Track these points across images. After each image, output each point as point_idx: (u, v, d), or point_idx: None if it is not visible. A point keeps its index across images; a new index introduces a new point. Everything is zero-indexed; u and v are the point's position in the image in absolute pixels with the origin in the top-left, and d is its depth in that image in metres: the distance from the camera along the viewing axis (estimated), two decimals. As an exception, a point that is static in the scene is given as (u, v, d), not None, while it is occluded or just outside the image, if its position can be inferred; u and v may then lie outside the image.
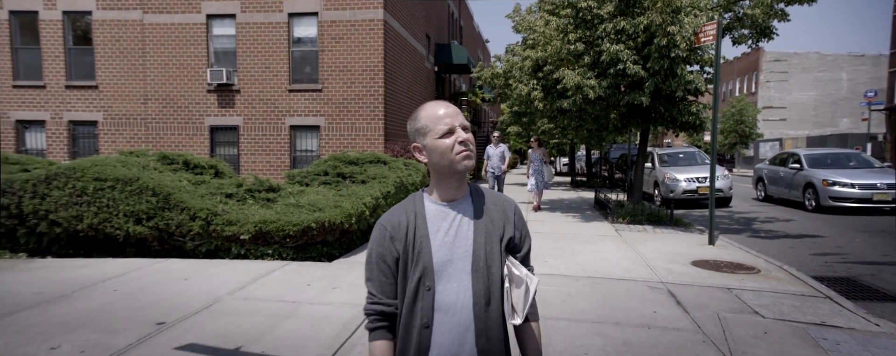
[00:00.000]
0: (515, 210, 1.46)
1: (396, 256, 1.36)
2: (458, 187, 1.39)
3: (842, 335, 4.06)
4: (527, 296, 1.33)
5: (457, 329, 1.33)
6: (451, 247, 1.35)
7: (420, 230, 1.35)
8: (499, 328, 1.36)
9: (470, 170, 1.35)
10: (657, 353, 3.62)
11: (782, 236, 8.94)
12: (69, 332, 3.90)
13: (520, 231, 1.43)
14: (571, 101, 8.98)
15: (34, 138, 14.12)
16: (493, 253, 1.36)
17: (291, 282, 5.34)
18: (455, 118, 1.35)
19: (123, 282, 5.28)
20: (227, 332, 3.95)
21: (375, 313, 1.37)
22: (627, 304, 4.72)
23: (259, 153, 13.85)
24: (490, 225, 1.38)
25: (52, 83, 13.93)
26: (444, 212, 1.38)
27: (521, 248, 1.43)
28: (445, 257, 1.34)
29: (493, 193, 1.47)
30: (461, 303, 1.33)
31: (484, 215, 1.39)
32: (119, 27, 13.71)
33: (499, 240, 1.38)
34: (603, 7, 8.38)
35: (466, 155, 1.32)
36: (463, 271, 1.34)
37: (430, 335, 1.32)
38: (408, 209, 1.39)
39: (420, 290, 1.33)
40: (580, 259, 6.57)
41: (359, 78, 13.38)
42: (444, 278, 1.33)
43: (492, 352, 1.35)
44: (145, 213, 6.19)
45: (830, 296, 5.11)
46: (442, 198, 1.39)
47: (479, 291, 1.33)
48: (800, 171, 12.80)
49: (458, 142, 1.32)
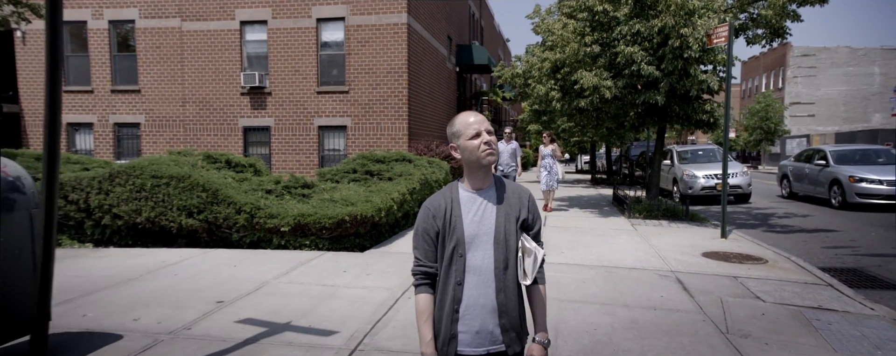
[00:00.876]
0: (529, 198, 1.85)
1: (437, 230, 1.76)
2: (485, 178, 1.78)
3: (835, 317, 4.40)
4: (535, 264, 1.75)
5: (482, 286, 1.74)
6: (478, 224, 1.75)
7: (455, 211, 1.75)
8: (514, 287, 1.77)
9: (492, 164, 1.75)
10: (660, 330, 4.04)
11: (797, 231, 9.15)
12: (145, 308, 4.52)
13: (532, 214, 1.82)
14: (589, 101, 9.34)
15: (83, 139, 15.11)
16: (510, 230, 1.76)
17: (329, 268, 5.89)
18: (481, 124, 1.75)
19: (182, 268, 5.91)
20: (277, 310, 4.51)
21: (421, 273, 1.79)
22: (637, 290, 5.12)
23: (289, 152, 14.54)
24: (509, 208, 1.78)
25: (98, 88, 14.88)
26: (473, 198, 1.77)
27: (532, 227, 1.82)
28: (474, 232, 1.74)
29: (512, 184, 1.86)
30: (485, 267, 1.74)
31: (504, 201, 1.79)
32: (159, 34, 14.57)
33: (515, 220, 1.77)
34: (618, 10, 8.72)
35: (489, 152, 1.73)
36: (487, 243, 1.74)
37: (462, 290, 1.74)
38: (446, 195, 1.80)
39: (454, 257, 1.74)
40: (595, 250, 6.97)
41: (383, 79, 13.94)
42: (473, 248, 1.74)
43: (508, 304, 1.76)
44: (196, 207, 6.83)
45: (832, 284, 5.42)
46: (472, 187, 1.78)
47: (499, 259, 1.74)
48: (826, 168, 12.61)
49: (483, 142, 1.73)
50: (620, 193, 11.83)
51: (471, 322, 1.74)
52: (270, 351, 3.65)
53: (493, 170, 1.83)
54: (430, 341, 1.76)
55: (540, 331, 1.81)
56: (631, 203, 10.28)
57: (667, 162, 15.13)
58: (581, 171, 31.99)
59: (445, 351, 1.75)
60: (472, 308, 1.73)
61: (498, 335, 1.76)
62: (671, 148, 15.69)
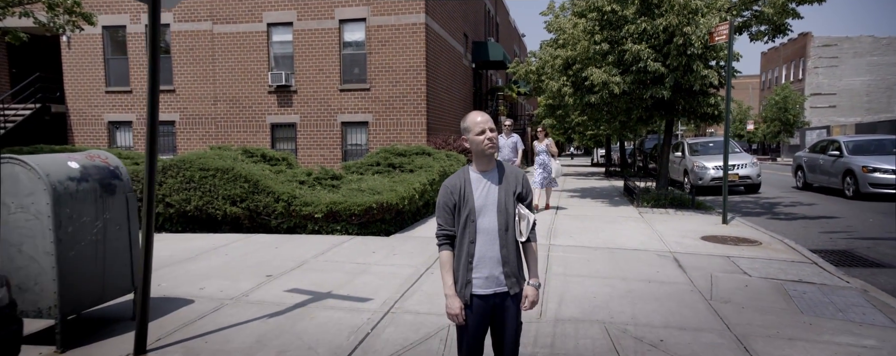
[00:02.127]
0: (523, 176, 2.41)
1: (455, 203, 2.34)
2: (488, 163, 2.36)
3: (811, 288, 4.94)
4: (527, 225, 2.35)
5: (489, 243, 2.32)
6: (485, 197, 2.33)
7: (467, 189, 2.33)
8: (513, 243, 2.35)
9: (493, 154, 2.34)
10: (651, 298, 4.64)
11: (800, 218, 9.57)
12: (207, 280, 5.28)
13: (525, 188, 2.38)
14: (599, 96, 9.85)
15: (123, 137, 16.12)
16: (509, 201, 2.33)
17: (359, 250, 6.60)
18: (486, 124, 2.31)
19: (231, 249, 6.68)
20: (318, 282, 5.22)
21: (443, 235, 2.38)
22: (635, 267, 5.71)
23: (314, 147, 15.33)
24: (507, 185, 2.35)
25: (137, 88, 15.86)
26: (480, 178, 2.35)
27: (526, 198, 2.39)
28: (482, 204, 2.32)
29: (510, 167, 2.42)
30: (491, 229, 2.31)
31: (504, 181, 2.36)
32: (192, 37, 15.45)
33: (512, 194, 2.34)
34: (627, 9, 9.22)
35: (490, 146, 2.31)
36: (492, 211, 2.32)
37: (475, 247, 2.32)
38: (460, 176, 2.38)
39: (468, 222, 2.32)
40: (602, 235, 7.56)
41: (403, 77, 14.61)
42: (481, 215, 2.32)
43: (509, 257, 2.33)
44: (239, 197, 7.61)
45: (817, 263, 5.93)
46: (479, 169, 2.36)
47: (502, 222, 2.32)
48: (839, 158, 12.60)
49: (486, 138, 2.30)
50: (631, 184, 12.32)
51: (481, 270, 2.32)
52: (317, 312, 4.36)
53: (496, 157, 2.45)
54: (451, 285, 2.34)
55: (533, 277, 2.39)
56: (640, 193, 10.79)
57: (678, 154, 15.52)
58: (596, 164, 32.31)
59: (463, 293, 2.32)
60: (483, 259, 2.31)
61: (502, 280, 2.33)
62: (683, 140, 16.07)
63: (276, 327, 4.04)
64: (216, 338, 3.84)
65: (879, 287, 5.10)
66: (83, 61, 15.89)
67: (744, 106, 45.56)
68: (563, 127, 21.81)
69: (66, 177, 3.64)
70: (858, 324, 3.98)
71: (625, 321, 4.07)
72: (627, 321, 4.07)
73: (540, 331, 3.90)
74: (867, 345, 3.56)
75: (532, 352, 3.55)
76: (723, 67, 9.32)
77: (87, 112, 16.08)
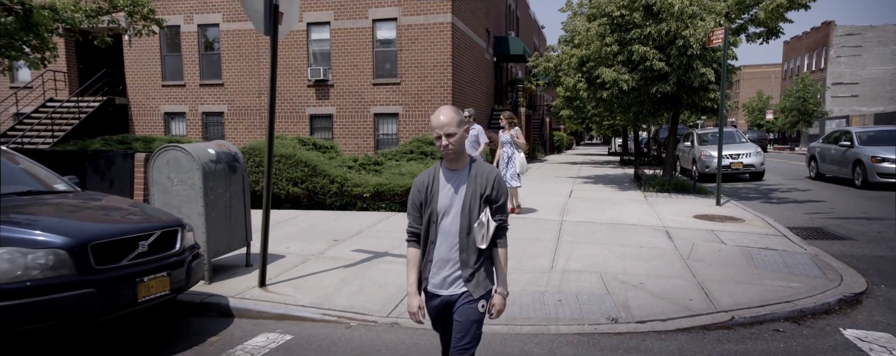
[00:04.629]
0: (496, 177, 2.25)
1: (422, 201, 2.27)
2: (457, 162, 2.24)
3: (772, 253, 6.13)
4: (487, 231, 2.21)
5: (449, 245, 2.25)
6: (451, 198, 2.22)
7: (434, 187, 2.24)
8: (474, 247, 2.24)
9: (451, 158, 2.22)
10: (641, 258, 5.89)
11: (791, 202, 10.63)
12: (287, 242, 6.71)
13: (496, 190, 2.23)
14: (610, 92, 11.01)
15: (177, 126, 17.81)
16: (475, 203, 2.20)
17: (403, 223, 7.97)
18: (442, 129, 2.15)
19: (297, 221, 8.13)
20: (375, 246, 6.61)
21: (410, 232, 2.34)
22: (632, 237, 6.96)
23: (349, 137, 16.76)
24: (476, 186, 2.22)
25: (189, 82, 17.47)
26: (451, 176, 2.25)
27: (496, 201, 2.23)
28: (447, 204, 2.23)
29: (483, 165, 2.28)
30: (452, 231, 2.23)
31: (472, 181, 2.22)
32: (239, 36, 16.95)
33: (480, 196, 2.20)
34: (633, 15, 10.32)
35: (445, 152, 2.21)
36: (457, 213, 2.22)
37: (434, 247, 2.27)
38: (430, 174, 2.27)
39: (430, 222, 2.26)
40: (607, 213, 8.80)
41: (430, 72, 15.89)
42: (445, 216, 2.23)
43: (468, 260, 2.24)
44: (300, 179, 9.04)
45: (786, 235, 7.09)
46: (449, 168, 2.27)
47: (464, 225, 2.22)
48: (850, 149, 12.79)
49: (441, 145, 2.20)
50: (639, 172, 13.46)
51: (440, 271, 2.28)
52: (380, 265, 5.74)
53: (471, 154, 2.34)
54: (413, 282, 2.32)
55: (501, 284, 2.33)
56: (647, 179, 11.95)
57: (688, 144, 16.54)
58: (612, 154, 33.23)
59: (423, 287, 2.35)
60: (441, 261, 2.26)
61: (460, 282, 2.27)
62: (692, 130, 17.06)
63: (351, 273, 5.43)
64: (311, 279, 5.25)
65: (831, 253, 6.24)
66: (142, 58, 17.55)
67: (764, 95, 45.61)
68: (581, 117, 22.88)
69: (208, 159, 5.06)
70: (795, 276, 5.19)
71: (616, 272, 5.35)
72: (618, 272, 5.35)
73: (551, 278, 5.21)
74: (793, 287, 4.78)
75: (544, 290, 4.86)
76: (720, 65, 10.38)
77: (145, 104, 17.79)
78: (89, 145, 10.44)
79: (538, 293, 4.74)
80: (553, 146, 34.60)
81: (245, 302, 4.59)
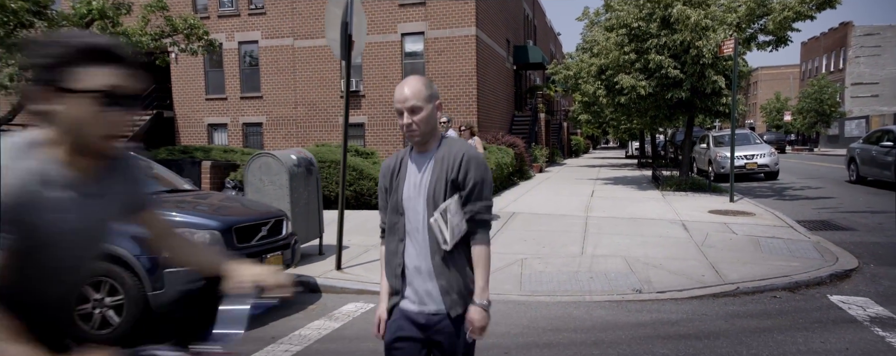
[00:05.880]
0: (468, 157, 1.79)
1: (386, 186, 1.89)
2: (423, 144, 1.82)
3: (778, 241, 6.91)
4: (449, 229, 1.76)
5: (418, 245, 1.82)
6: (418, 185, 1.81)
7: (401, 173, 1.85)
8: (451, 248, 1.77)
9: (416, 140, 1.80)
10: (660, 245, 6.73)
11: (802, 199, 11.30)
12: (348, 236, 7.67)
13: (464, 173, 1.76)
14: (628, 98, 11.85)
15: (219, 136, 19.07)
16: (440, 192, 1.77)
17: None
18: (404, 103, 1.72)
19: (351, 219, 9.06)
20: (424, 238, 7.55)
21: (382, 227, 1.95)
22: (651, 229, 7.79)
23: (379, 144, 17.79)
24: (440, 169, 1.79)
25: (231, 96, 18.74)
26: (419, 159, 1.85)
27: (464, 187, 1.77)
28: (412, 193, 1.82)
29: (455, 142, 1.86)
30: (419, 227, 1.80)
31: (440, 163, 1.79)
32: (277, 51, 18.17)
33: (445, 181, 1.77)
34: (650, 25, 11.17)
35: (410, 134, 1.76)
36: (421, 203, 1.80)
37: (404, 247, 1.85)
38: (398, 156, 1.90)
39: (396, 215, 1.85)
40: (628, 210, 9.62)
41: (456, 82, 16.87)
42: (410, 208, 1.82)
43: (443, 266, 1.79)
44: (348, 182, 10.05)
45: (793, 227, 7.84)
46: (417, 151, 1.86)
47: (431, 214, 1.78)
48: (893, 149, 11.68)
49: (403, 123, 1.74)
50: (657, 173, 14.22)
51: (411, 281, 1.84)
52: (433, 252, 6.67)
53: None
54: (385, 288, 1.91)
55: (478, 295, 1.79)
56: (664, 179, 12.71)
57: (704, 146, 17.23)
58: (629, 157, 33.85)
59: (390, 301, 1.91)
60: (411, 267, 1.84)
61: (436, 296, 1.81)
62: (708, 133, 17.74)
63: (410, 259, 6.37)
64: (376, 264, 6.20)
65: (832, 241, 6.99)
66: (188, 73, 18.89)
67: (782, 97, 45.70)
68: (599, 121, 23.64)
69: (292, 163, 6.07)
70: (797, 258, 5.98)
71: (638, 256, 6.20)
72: (640, 256, 6.20)
73: (582, 261, 6.08)
74: (792, 265, 5.58)
75: (577, 270, 5.74)
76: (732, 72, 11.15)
77: (190, 116, 19.11)
78: (156, 155, 11.63)
79: (572, 272, 5.62)
80: (571, 150, 35.38)
81: (329, 280, 5.56)
